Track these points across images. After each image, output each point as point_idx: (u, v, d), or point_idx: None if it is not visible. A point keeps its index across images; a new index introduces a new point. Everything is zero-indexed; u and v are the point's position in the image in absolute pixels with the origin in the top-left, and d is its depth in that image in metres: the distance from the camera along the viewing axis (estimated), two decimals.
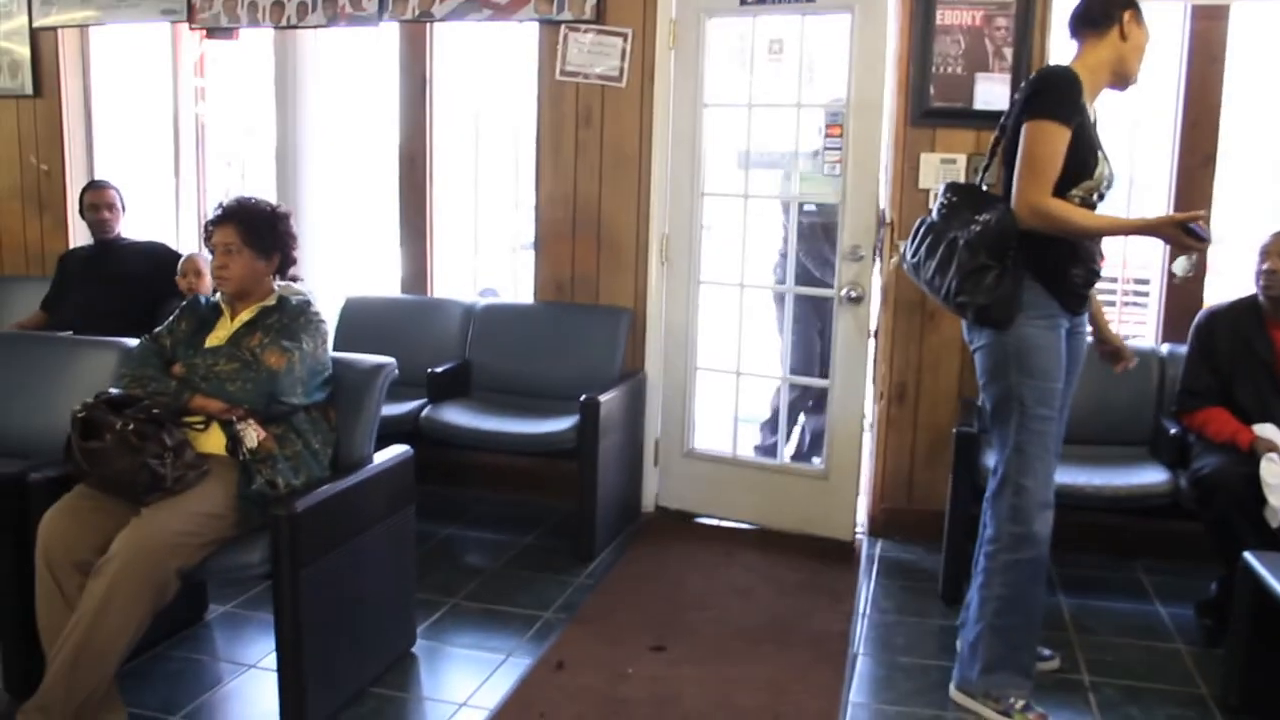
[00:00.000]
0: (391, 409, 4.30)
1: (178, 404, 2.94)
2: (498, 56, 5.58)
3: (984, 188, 3.09)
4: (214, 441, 2.95)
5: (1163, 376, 4.16)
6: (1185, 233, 2.72)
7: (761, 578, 4.11)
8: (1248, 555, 2.93)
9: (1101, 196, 2.97)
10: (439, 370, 4.64)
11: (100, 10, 5.33)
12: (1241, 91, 4.56)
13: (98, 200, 4.83)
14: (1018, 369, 2.93)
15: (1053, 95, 2.83)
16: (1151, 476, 3.81)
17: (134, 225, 4.99)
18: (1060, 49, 3.09)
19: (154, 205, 5.60)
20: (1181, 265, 3.16)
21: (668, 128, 4.62)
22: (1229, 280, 3.96)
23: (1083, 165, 2.86)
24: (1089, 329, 3.22)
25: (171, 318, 3.21)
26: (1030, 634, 3.06)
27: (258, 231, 3.12)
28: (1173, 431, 3.85)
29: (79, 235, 5.38)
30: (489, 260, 6.15)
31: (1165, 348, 4.25)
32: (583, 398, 4.20)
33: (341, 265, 6.18)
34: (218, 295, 3.22)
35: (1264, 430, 3.50)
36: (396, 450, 3.32)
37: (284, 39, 5.20)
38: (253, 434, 2.93)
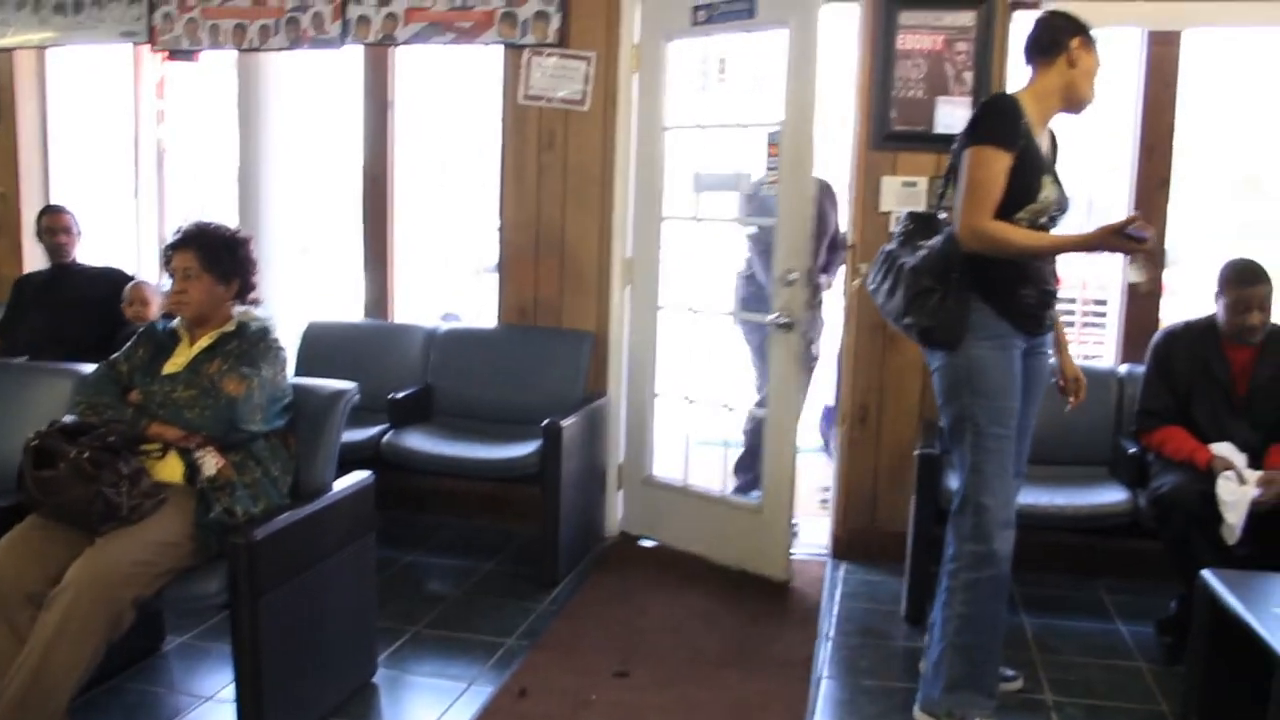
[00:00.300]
0: (353, 435, 4.27)
1: (134, 431, 2.90)
2: (461, 80, 5.58)
3: (942, 214, 3.12)
4: (171, 469, 2.91)
5: (1121, 396, 4.20)
6: (1125, 238, 2.77)
7: (725, 602, 4.10)
8: (1205, 573, 2.95)
9: (1053, 220, 3.01)
10: (400, 395, 4.61)
11: (58, 31, 5.28)
12: (1197, 115, 4.62)
13: (54, 224, 4.77)
14: (970, 390, 2.97)
15: (992, 122, 2.91)
16: (1111, 496, 3.85)
17: (93, 249, 4.94)
18: (1019, 73, 3.16)
19: (113, 229, 5.54)
20: (1135, 274, 3.19)
21: (630, 151, 4.63)
22: (1185, 300, 4.00)
23: (1027, 189, 2.91)
24: (1051, 352, 3.24)
25: (128, 344, 3.17)
26: (992, 653, 3.07)
27: (217, 256, 3.09)
28: (1131, 451, 3.89)
29: (35, 260, 5.31)
30: (452, 284, 6.13)
31: (1124, 368, 4.30)
32: (544, 422, 4.18)
33: (303, 290, 6.14)
34: (176, 321, 3.19)
35: (1221, 449, 3.54)
36: (357, 476, 3.29)
37: (246, 61, 5.17)
38: (211, 461, 2.90)
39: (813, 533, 4.77)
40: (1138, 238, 2.77)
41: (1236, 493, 3.36)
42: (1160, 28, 4.26)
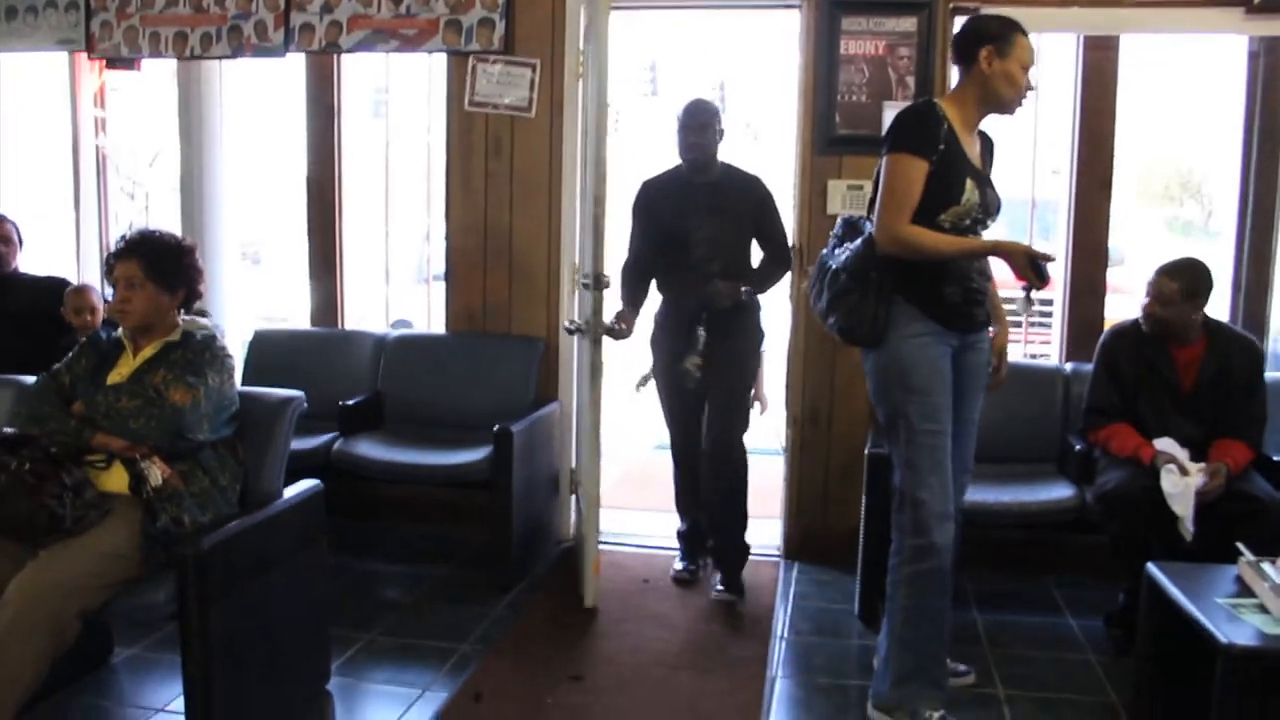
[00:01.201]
0: (303, 443, 4.23)
1: (78, 442, 2.86)
2: (407, 85, 5.55)
3: (866, 223, 3.16)
4: (117, 480, 2.88)
5: (1067, 394, 4.27)
6: (1031, 266, 2.85)
7: (679, 604, 4.11)
8: (1151, 566, 3.00)
9: (979, 222, 3.05)
10: (350, 403, 4.58)
11: None
12: (1137, 118, 4.71)
13: None
14: (900, 386, 3.04)
15: (907, 129, 2.99)
16: (1058, 492, 3.91)
17: (33, 259, 4.85)
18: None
19: (54, 238, 5.45)
20: (1018, 304, 3.24)
21: (576, 157, 4.63)
22: (1129, 299, 4.07)
23: (948, 193, 2.96)
24: (987, 346, 3.25)
25: (71, 354, 3.12)
26: (938, 645, 3.10)
27: (161, 265, 3.05)
28: (1078, 448, 3.95)
29: None
30: (401, 291, 6.09)
31: (1069, 366, 4.37)
32: (495, 428, 4.17)
33: (254, 297, 6.08)
34: (119, 330, 3.15)
35: (1164, 444, 3.60)
36: (306, 485, 3.26)
37: (188, 69, 5.11)
38: (157, 471, 2.86)
39: (766, 534, 4.78)
40: (1040, 273, 2.85)
41: (1179, 484, 3.43)
42: (1095, 33, 4.35)
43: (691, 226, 4.15)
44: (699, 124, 4.13)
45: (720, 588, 4.18)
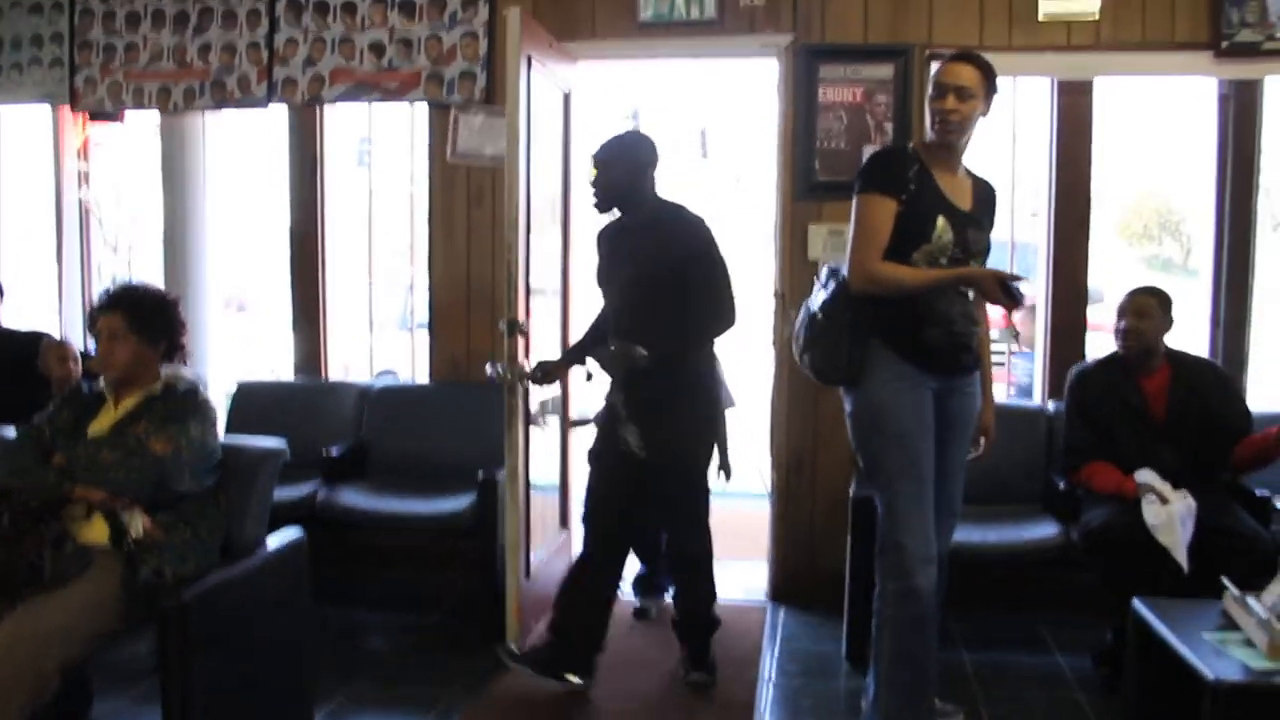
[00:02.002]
0: (287, 492, 4.20)
1: (58, 494, 2.84)
2: (390, 135, 5.59)
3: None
4: (97, 532, 2.85)
5: (1050, 433, 4.29)
6: (1003, 289, 2.86)
7: (666, 648, 4.07)
8: (1136, 603, 3.00)
9: (959, 261, 3.03)
10: (334, 453, 4.57)
11: None
12: (1116, 159, 4.78)
13: None
14: (878, 431, 3.05)
15: (875, 170, 3.05)
16: (1043, 531, 3.93)
17: (14, 313, 4.84)
18: None
19: (35, 292, 5.45)
20: (1000, 334, 3.25)
21: (556, 206, 4.65)
22: (1110, 338, 4.09)
23: (920, 231, 2.98)
24: (975, 390, 3.24)
25: (51, 407, 3.12)
26: (924, 686, 3.09)
27: (144, 318, 3.06)
28: (1062, 487, 3.97)
29: None
30: (386, 339, 6.10)
31: (1051, 405, 4.39)
32: (480, 475, 4.16)
33: (238, 349, 6.07)
34: (100, 382, 3.14)
35: (1143, 476, 3.60)
36: (288, 534, 3.25)
37: (171, 122, 5.14)
38: (138, 522, 2.84)
39: (754, 578, 4.76)
40: (1014, 294, 2.88)
41: (1161, 514, 3.43)
42: (1068, 77, 4.42)
43: (611, 275, 3.74)
44: (596, 163, 3.65)
45: (695, 674, 3.76)
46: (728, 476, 3.91)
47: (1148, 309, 3.74)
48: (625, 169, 3.62)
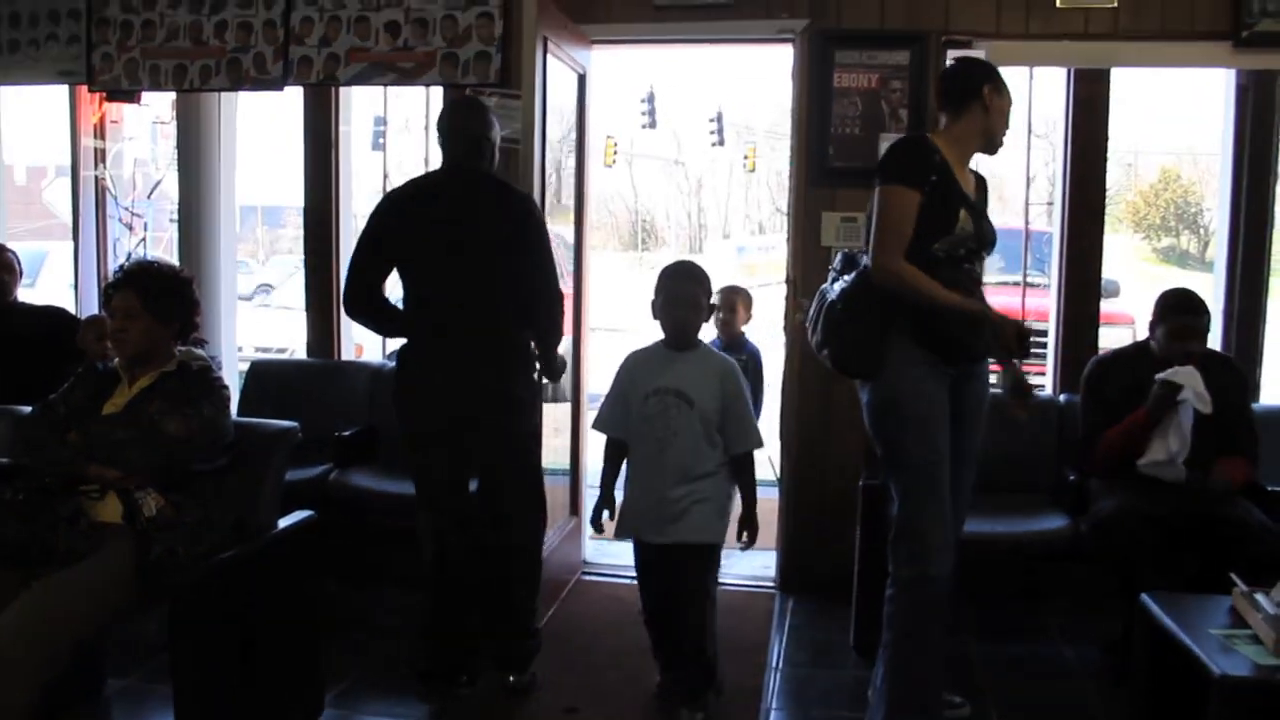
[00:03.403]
0: (299, 473, 4.22)
1: (72, 472, 2.86)
2: (405, 117, 5.59)
3: (863, 256, 3.18)
4: (111, 510, 2.87)
5: (1061, 424, 4.27)
6: (1018, 341, 2.88)
7: None
8: (1145, 596, 3.00)
9: (974, 252, 3.07)
10: (346, 434, 4.58)
11: None
12: (1134, 149, 4.76)
13: None
14: (896, 418, 3.04)
15: (897, 160, 3.04)
16: (1052, 522, 3.91)
17: (31, 289, 4.87)
18: None
19: (52, 269, 5.47)
20: (1001, 382, 3.24)
21: (570, 186, 4.65)
22: (1124, 331, 4.09)
23: (944, 222, 2.99)
24: (987, 375, 3.26)
25: (66, 385, 3.13)
26: (932, 675, 3.10)
27: (158, 296, 3.08)
28: (1072, 478, 3.96)
29: None
30: None
31: (1063, 397, 4.38)
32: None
33: (256, 328, 6.08)
34: (115, 361, 3.16)
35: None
36: (300, 515, 3.27)
37: (187, 101, 5.14)
38: (151, 502, 2.86)
39: (762, 565, 4.77)
40: (1025, 345, 2.89)
41: (1181, 371, 3.49)
42: (1085, 66, 4.38)
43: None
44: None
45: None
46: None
47: (1202, 330, 3.71)
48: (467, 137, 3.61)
